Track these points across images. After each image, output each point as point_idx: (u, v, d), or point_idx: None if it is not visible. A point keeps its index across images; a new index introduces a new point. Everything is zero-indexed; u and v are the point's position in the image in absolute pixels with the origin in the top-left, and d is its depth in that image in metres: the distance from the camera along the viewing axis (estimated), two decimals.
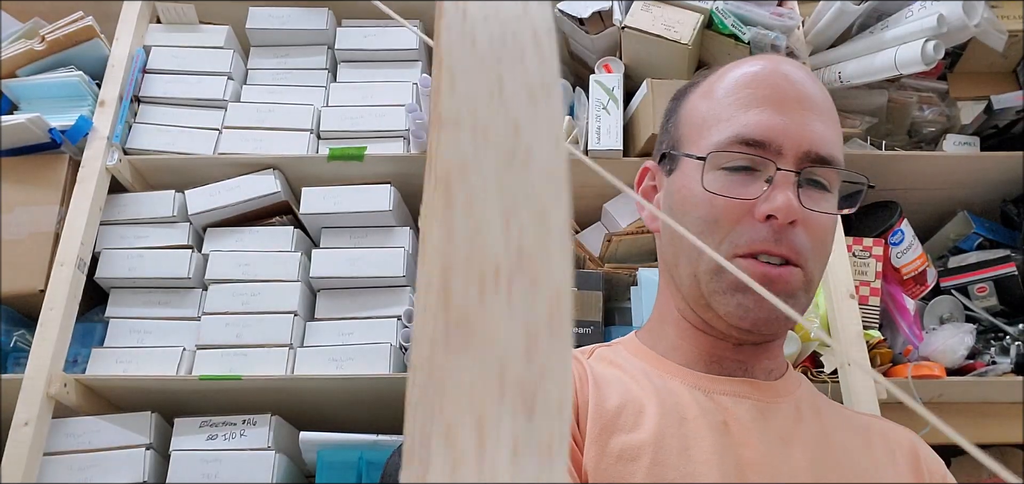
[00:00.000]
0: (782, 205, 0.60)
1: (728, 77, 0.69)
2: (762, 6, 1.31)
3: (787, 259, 0.61)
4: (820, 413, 0.65)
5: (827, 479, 0.59)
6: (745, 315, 0.61)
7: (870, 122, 1.34)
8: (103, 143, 1.32)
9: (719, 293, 0.62)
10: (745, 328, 0.62)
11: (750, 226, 0.61)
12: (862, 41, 1.30)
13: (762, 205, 0.61)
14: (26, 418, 1.12)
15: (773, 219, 0.60)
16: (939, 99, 1.40)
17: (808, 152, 0.62)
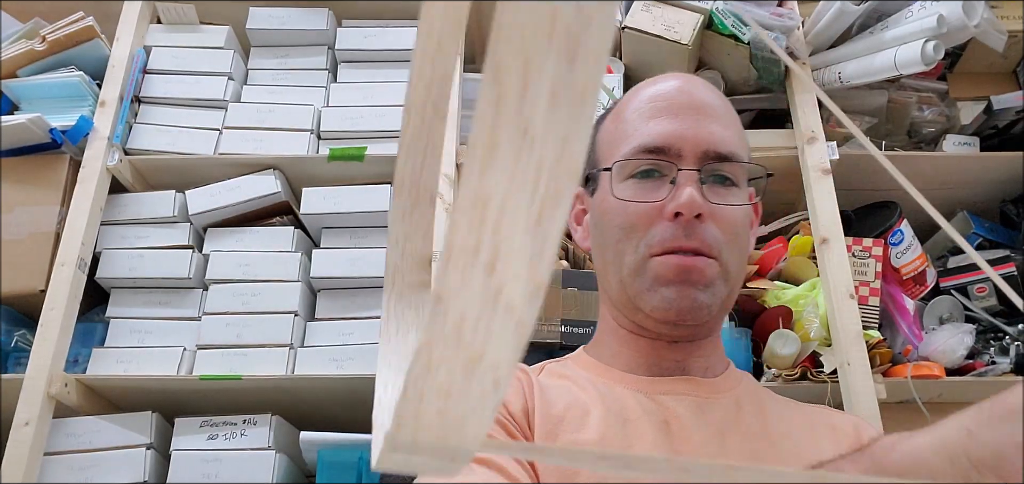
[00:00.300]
0: (686, 201, 0.64)
1: (635, 97, 0.74)
2: (762, 6, 1.31)
3: (699, 251, 0.65)
4: (762, 406, 0.68)
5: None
6: (669, 307, 0.65)
7: (870, 122, 1.34)
8: (103, 143, 1.32)
9: (643, 292, 0.66)
10: (671, 320, 0.66)
11: (662, 226, 0.66)
12: (862, 41, 1.30)
13: (669, 204, 0.65)
14: (27, 418, 1.12)
15: (680, 215, 0.65)
16: (939, 99, 1.40)
17: (706, 151, 0.67)
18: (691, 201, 0.64)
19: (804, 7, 1.37)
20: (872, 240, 1.25)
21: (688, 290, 0.65)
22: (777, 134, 1.32)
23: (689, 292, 0.65)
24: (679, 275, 0.65)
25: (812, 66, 1.34)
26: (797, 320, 1.18)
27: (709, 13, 1.30)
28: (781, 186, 1.34)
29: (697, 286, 0.65)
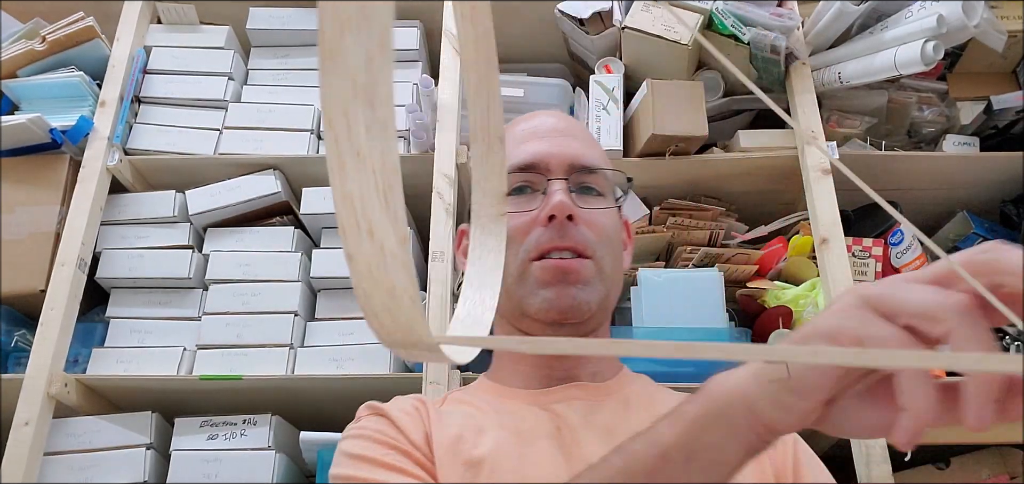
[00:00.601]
0: (557, 203, 0.71)
1: (509, 132, 0.81)
2: (762, 6, 1.31)
3: (574, 250, 0.71)
4: (652, 402, 0.72)
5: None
6: (550, 307, 0.70)
7: (870, 122, 1.34)
8: (104, 143, 1.32)
9: (527, 296, 0.71)
10: (554, 320, 0.71)
11: (537, 232, 0.72)
12: (862, 41, 1.30)
13: (542, 211, 0.72)
14: (27, 418, 1.12)
15: (554, 218, 0.71)
16: (939, 99, 1.40)
17: (572, 163, 0.74)
18: (561, 203, 0.71)
19: (804, 7, 1.37)
20: (872, 240, 1.25)
21: (567, 289, 0.70)
22: (777, 134, 1.32)
23: (568, 291, 0.70)
24: (557, 276, 0.70)
25: (812, 66, 1.34)
26: (797, 320, 1.18)
27: (709, 13, 1.30)
28: (781, 186, 1.34)
29: (575, 285, 0.70)
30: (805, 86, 1.31)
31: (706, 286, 1.19)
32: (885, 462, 1.04)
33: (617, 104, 1.31)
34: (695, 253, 1.27)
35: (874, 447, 1.05)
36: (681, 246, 1.29)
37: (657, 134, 1.24)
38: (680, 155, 1.30)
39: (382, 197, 0.26)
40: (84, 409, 1.20)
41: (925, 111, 1.38)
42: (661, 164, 1.30)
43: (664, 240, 1.30)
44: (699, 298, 1.19)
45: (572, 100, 1.39)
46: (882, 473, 1.03)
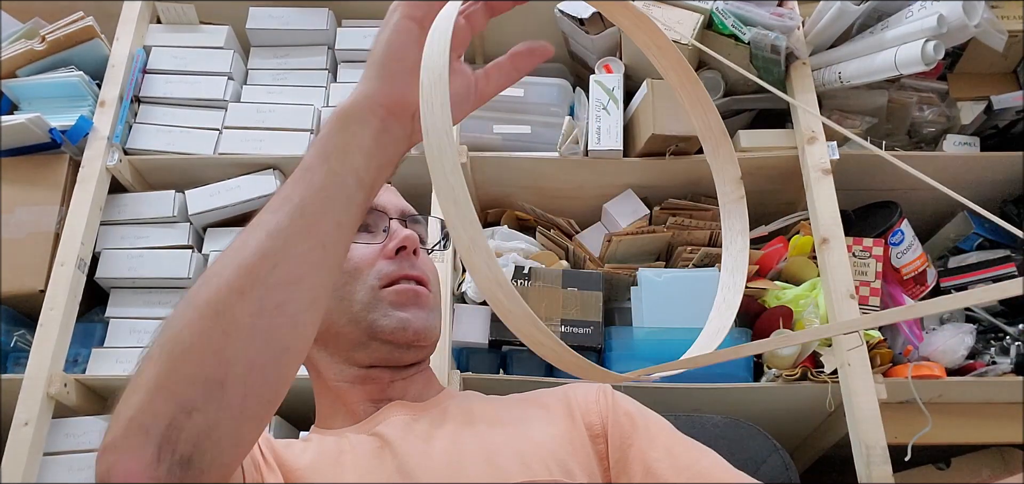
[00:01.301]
0: (408, 235, 0.78)
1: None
2: (762, 6, 1.31)
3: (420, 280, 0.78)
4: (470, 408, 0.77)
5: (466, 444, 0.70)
6: (406, 327, 0.75)
7: (870, 122, 1.34)
8: (103, 143, 1.32)
9: (379, 319, 0.75)
10: (408, 341, 0.76)
11: (386, 262, 0.77)
12: (862, 41, 1.30)
13: (391, 243, 0.78)
14: (26, 418, 1.12)
15: (403, 251, 0.78)
16: (939, 99, 1.40)
17: (404, 210, 0.83)
18: (412, 235, 0.78)
19: (804, 7, 1.37)
20: (872, 240, 1.25)
21: (420, 312, 0.76)
22: (777, 134, 1.32)
23: (421, 314, 0.76)
24: (410, 299, 0.76)
25: (812, 66, 1.33)
26: (797, 320, 1.17)
27: (709, 13, 1.30)
28: (781, 186, 1.34)
29: (425, 308, 0.77)
30: (805, 86, 1.31)
31: (706, 286, 1.19)
32: (885, 463, 1.04)
33: (617, 104, 1.31)
34: (695, 253, 1.27)
35: (874, 447, 1.05)
36: (681, 246, 1.29)
37: (657, 134, 1.24)
38: (680, 155, 1.29)
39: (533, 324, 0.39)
40: (84, 409, 1.20)
41: (925, 111, 1.38)
42: (661, 164, 1.29)
43: (664, 240, 1.30)
44: (699, 298, 1.18)
45: (572, 100, 1.39)
46: (882, 473, 1.03)
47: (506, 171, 1.34)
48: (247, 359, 0.49)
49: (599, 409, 0.76)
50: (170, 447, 0.46)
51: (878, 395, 1.08)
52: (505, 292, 0.39)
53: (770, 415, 1.15)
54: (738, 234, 0.60)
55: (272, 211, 0.52)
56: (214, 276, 0.50)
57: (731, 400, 1.15)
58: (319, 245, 0.52)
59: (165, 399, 0.47)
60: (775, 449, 0.92)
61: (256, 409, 0.51)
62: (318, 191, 0.52)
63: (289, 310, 0.50)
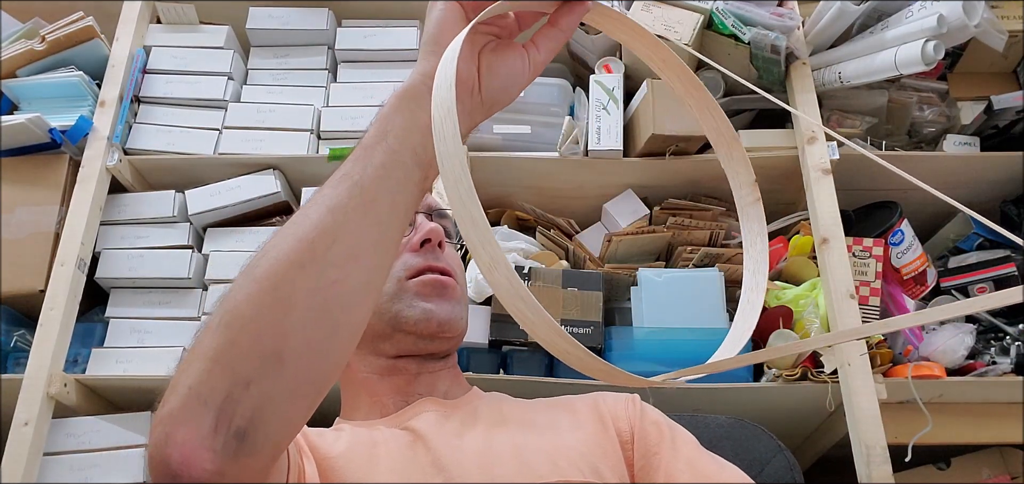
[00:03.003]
0: (434, 228, 0.78)
1: None
2: (762, 6, 1.31)
3: (445, 272, 0.78)
4: (501, 408, 0.77)
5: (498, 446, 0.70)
6: (431, 318, 0.76)
7: (870, 122, 1.34)
8: (103, 143, 1.32)
9: (404, 310, 0.76)
10: (432, 332, 0.76)
11: (412, 255, 0.78)
12: (862, 41, 1.30)
13: (416, 235, 0.78)
14: (26, 418, 1.12)
15: (428, 243, 0.78)
16: (939, 99, 1.40)
17: (430, 204, 0.83)
18: (437, 228, 0.78)
19: (804, 7, 1.37)
20: (872, 240, 1.25)
21: (445, 303, 0.77)
22: (777, 134, 1.32)
23: (445, 305, 0.77)
24: (436, 289, 0.77)
25: (812, 66, 1.33)
26: (797, 320, 1.17)
27: (709, 13, 1.30)
28: (781, 186, 1.34)
29: (450, 300, 0.78)
30: (805, 86, 1.31)
31: (706, 286, 1.19)
32: (885, 463, 1.04)
33: (617, 104, 1.31)
34: (695, 253, 1.27)
35: (874, 447, 1.05)
36: (681, 246, 1.29)
37: (657, 134, 1.24)
38: (680, 155, 1.29)
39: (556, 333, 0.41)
40: (84, 409, 1.20)
41: (925, 111, 1.38)
42: (661, 164, 1.29)
43: (664, 240, 1.30)
44: (699, 298, 1.18)
45: (572, 100, 1.39)
46: (882, 473, 1.03)
47: (506, 171, 1.34)
48: (304, 334, 0.49)
49: (628, 416, 0.76)
50: (227, 419, 0.47)
51: (878, 395, 1.08)
52: (528, 306, 0.40)
53: (770, 415, 1.15)
54: (757, 236, 0.61)
55: (332, 186, 0.53)
56: (274, 248, 0.50)
57: (731, 400, 1.15)
58: (376, 223, 0.53)
59: (223, 371, 0.47)
60: (779, 449, 0.92)
61: (309, 387, 0.52)
62: (377, 169, 0.53)
63: (346, 287, 0.51)
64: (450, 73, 0.45)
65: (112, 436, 1.17)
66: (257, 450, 0.48)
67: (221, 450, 0.46)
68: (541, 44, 0.60)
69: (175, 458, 0.46)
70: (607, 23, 0.60)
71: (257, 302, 0.49)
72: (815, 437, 1.27)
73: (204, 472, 0.46)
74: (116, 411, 1.22)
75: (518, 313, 0.41)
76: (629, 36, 0.61)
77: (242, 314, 0.48)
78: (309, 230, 0.50)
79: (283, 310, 0.49)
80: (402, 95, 0.56)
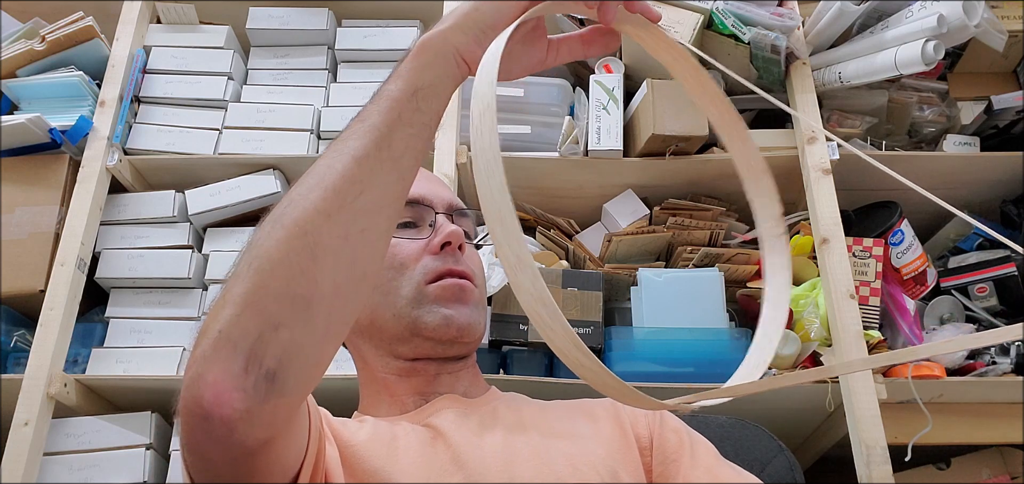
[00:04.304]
0: (453, 231, 0.77)
1: None
2: (762, 6, 1.31)
3: (465, 276, 0.78)
4: (520, 409, 0.77)
5: (519, 449, 0.70)
6: (449, 324, 0.75)
7: (870, 122, 1.34)
8: (103, 143, 1.32)
9: (423, 315, 0.75)
10: (451, 337, 0.76)
11: (431, 258, 0.77)
12: (862, 41, 1.30)
13: (435, 239, 0.78)
14: (26, 418, 1.12)
15: (448, 246, 0.77)
16: (939, 99, 1.40)
17: (451, 204, 0.83)
18: (457, 231, 0.78)
19: (804, 7, 1.37)
20: (872, 240, 1.25)
21: (463, 308, 0.76)
22: (777, 134, 1.32)
23: (464, 310, 0.76)
24: (455, 294, 0.76)
25: (812, 66, 1.33)
26: (797, 320, 1.17)
27: (709, 13, 1.30)
28: (781, 186, 1.33)
29: (469, 304, 0.77)
30: (805, 86, 1.31)
31: (706, 286, 1.19)
32: (885, 463, 1.04)
33: (617, 104, 1.31)
34: (695, 253, 1.27)
35: (874, 447, 1.05)
36: (681, 246, 1.29)
37: (657, 134, 1.24)
38: (680, 155, 1.29)
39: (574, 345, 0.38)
40: (84, 409, 1.20)
41: (926, 111, 1.38)
42: (661, 164, 1.29)
43: (664, 240, 1.30)
44: (699, 298, 1.18)
45: (572, 100, 1.39)
46: (882, 473, 1.03)
47: (506, 171, 1.33)
48: (333, 280, 0.51)
49: (648, 422, 0.77)
50: (257, 361, 0.48)
51: (878, 395, 1.08)
52: (549, 311, 0.40)
53: (770, 415, 1.15)
54: (780, 269, 0.61)
55: (358, 137, 0.54)
56: (301, 198, 0.51)
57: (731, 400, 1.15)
58: (400, 178, 0.55)
59: (254, 314, 0.48)
60: (780, 450, 0.92)
61: (336, 331, 0.53)
62: (407, 126, 0.55)
63: (371, 236, 0.53)
64: (494, 70, 0.46)
65: (112, 436, 1.17)
66: (287, 391, 0.50)
67: (252, 390, 0.48)
68: (565, 50, 0.62)
69: (207, 397, 0.48)
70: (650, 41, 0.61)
71: (286, 248, 0.50)
72: (815, 437, 1.27)
73: (235, 411, 0.48)
74: (116, 411, 1.22)
75: (537, 318, 0.41)
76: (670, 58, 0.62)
77: (273, 259, 0.49)
78: (337, 179, 0.52)
79: (312, 257, 0.50)
80: (435, 53, 0.57)
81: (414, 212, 0.80)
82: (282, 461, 0.56)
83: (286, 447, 0.56)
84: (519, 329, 1.14)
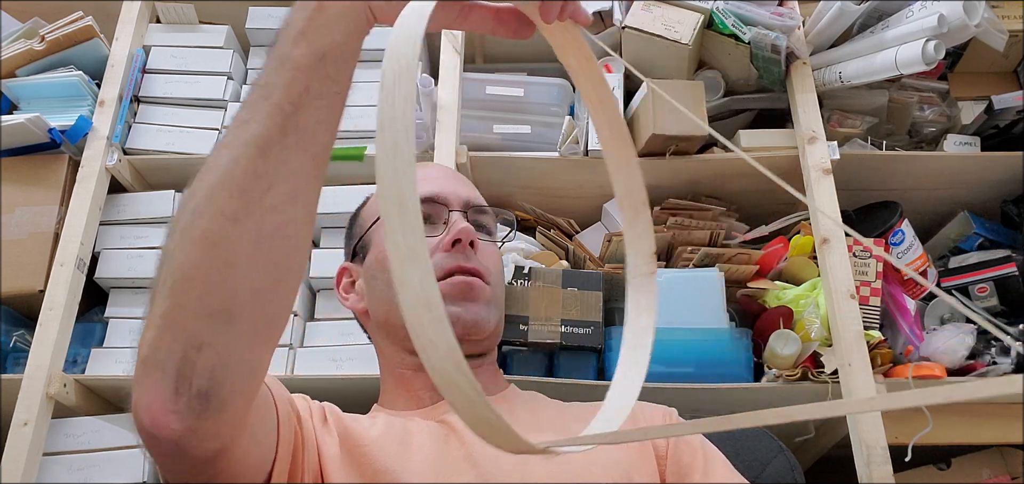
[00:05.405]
0: (463, 228, 0.76)
1: None
2: (762, 6, 1.31)
3: (475, 273, 0.76)
4: (538, 409, 0.77)
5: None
6: (458, 321, 0.74)
7: (870, 122, 1.34)
8: (103, 143, 1.32)
9: None
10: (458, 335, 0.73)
11: (441, 256, 0.76)
12: (862, 41, 1.30)
13: (448, 236, 0.76)
14: (26, 418, 1.12)
15: (459, 243, 0.76)
16: (940, 99, 1.40)
17: (468, 200, 0.82)
18: (467, 228, 0.76)
19: (804, 7, 1.37)
20: (873, 240, 1.25)
21: (471, 306, 0.75)
22: (777, 134, 1.32)
23: (472, 307, 0.75)
24: (463, 292, 0.75)
25: (813, 66, 1.33)
26: (798, 320, 1.17)
27: (709, 13, 1.30)
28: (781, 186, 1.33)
29: (478, 302, 0.76)
30: (806, 85, 1.31)
31: (706, 286, 1.19)
32: (886, 463, 1.04)
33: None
34: (695, 253, 1.27)
35: (874, 447, 1.05)
36: (681, 246, 1.29)
37: (657, 134, 1.24)
38: (680, 155, 1.29)
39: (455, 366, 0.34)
40: (83, 409, 1.20)
41: (926, 111, 1.37)
42: (661, 164, 1.29)
43: (664, 240, 1.30)
44: (699, 298, 1.18)
45: (572, 100, 1.39)
46: (882, 473, 1.03)
47: (506, 171, 1.34)
48: (251, 288, 0.48)
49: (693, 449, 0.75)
50: (186, 382, 0.47)
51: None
52: (433, 318, 0.35)
53: None
54: (644, 310, 0.56)
55: (261, 118, 0.48)
56: (207, 201, 0.48)
57: (731, 400, 1.15)
58: (312, 157, 0.49)
59: (174, 336, 0.47)
60: (780, 450, 0.92)
61: (265, 334, 0.51)
62: (316, 98, 0.48)
63: (287, 231, 0.49)
64: (420, 29, 0.39)
65: (112, 436, 1.17)
66: (225, 406, 0.48)
67: (186, 411, 0.47)
68: (476, 18, 0.54)
69: (145, 421, 0.47)
70: (560, 38, 0.55)
71: (198, 261, 0.47)
72: (815, 437, 1.27)
73: (174, 432, 0.47)
74: (116, 411, 1.22)
75: (418, 323, 0.35)
76: (577, 63, 0.56)
77: (186, 275, 0.47)
78: (242, 177, 0.47)
79: (226, 267, 0.47)
80: (339, 10, 0.49)
81: (430, 209, 0.80)
82: (247, 462, 0.55)
83: (247, 451, 0.55)
84: (519, 329, 1.14)
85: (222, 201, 0.47)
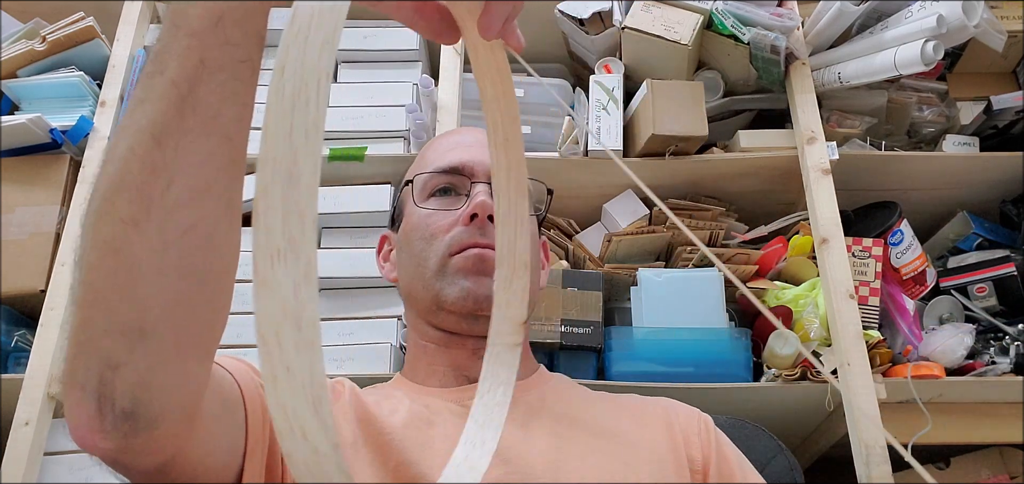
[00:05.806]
0: (480, 202, 0.74)
1: (435, 142, 0.88)
2: (762, 6, 1.31)
3: (492, 248, 0.70)
4: (568, 397, 0.75)
5: (567, 447, 0.68)
6: (467, 296, 0.72)
7: (870, 122, 1.34)
8: (104, 143, 1.32)
9: (445, 287, 0.73)
10: (469, 311, 0.73)
11: (459, 229, 0.74)
12: (862, 41, 1.30)
13: (466, 209, 0.75)
14: (26, 418, 1.12)
15: (476, 218, 0.74)
16: (939, 99, 1.40)
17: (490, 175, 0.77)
18: (484, 202, 0.74)
19: (804, 7, 1.37)
20: (872, 240, 1.25)
21: (484, 279, 0.72)
22: (777, 134, 1.32)
23: (485, 281, 0.71)
24: (475, 265, 0.72)
25: (812, 66, 1.34)
26: (797, 320, 1.18)
27: (709, 13, 1.30)
28: (781, 186, 1.34)
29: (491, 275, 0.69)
30: (805, 86, 1.31)
31: (706, 286, 1.19)
32: (885, 462, 1.04)
33: (617, 104, 1.31)
34: (695, 253, 1.27)
35: (874, 447, 1.05)
36: (681, 246, 1.29)
37: (657, 134, 1.24)
38: (680, 155, 1.30)
39: (312, 406, 0.27)
40: None
41: (925, 111, 1.38)
42: (661, 164, 1.30)
43: (664, 240, 1.30)
44: (699, 298, 1.19)
45: (572, 100, 1.39)
46: (882, 473, 1.03)
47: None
48: (163, 300, 0.42)
49: (701, 443, 0.74)
50: (108, 402, 0.42)
51: (877, 395, 1.08)
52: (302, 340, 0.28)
53: (770, 415, 1.15)
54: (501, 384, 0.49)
55: (154, 99, 0.40)
56: (106, 203, 0.41)
57: (731, 400, 1.15)
58: (221, 139, 0.42)
59: (88, 355, 0.42)
60: (780, 450, 0.92)
61: (192, 345, 0.45)
62: (215, 71, 0.41)
63: (200, 231, 0.42)
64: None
65: None
66: (154, 423, 0.43)
67: (113, 430, 0.43)
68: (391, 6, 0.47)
69: (77, 440, 0.44)
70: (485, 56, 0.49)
71: (102, 272, 0.41)
72: (815, 437, 1.27)
73: (105, 451, 0.44)
74: None
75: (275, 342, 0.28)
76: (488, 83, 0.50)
77: (92, 287, 0.42)
78: (138, 173, 0.40)
79: (131, 277, 0.41)
80: None
81: (453, 180, 0.78)
82: (207, 464, 0.51)
83: (206, 454, 0.51)
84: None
85: (120, 203, 0.41)
